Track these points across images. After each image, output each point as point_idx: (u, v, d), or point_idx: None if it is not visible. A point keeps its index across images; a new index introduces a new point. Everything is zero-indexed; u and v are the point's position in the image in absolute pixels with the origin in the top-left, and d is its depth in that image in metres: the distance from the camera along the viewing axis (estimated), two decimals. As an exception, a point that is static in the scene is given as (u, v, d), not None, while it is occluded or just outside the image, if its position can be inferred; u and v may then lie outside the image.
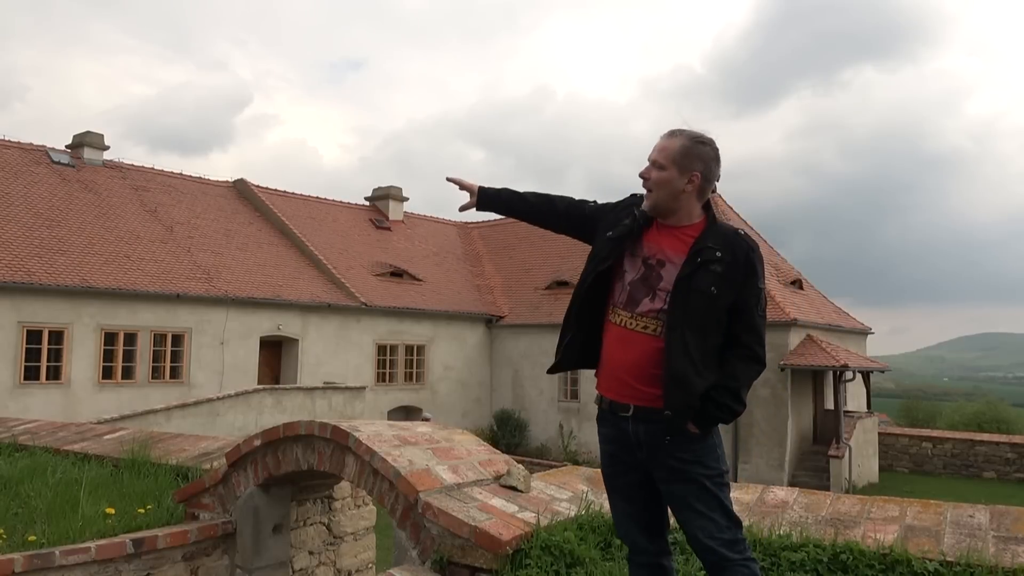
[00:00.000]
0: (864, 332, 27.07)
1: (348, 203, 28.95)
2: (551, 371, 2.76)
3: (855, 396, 22.86)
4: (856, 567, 2.86)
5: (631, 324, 2.45)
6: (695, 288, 2.35)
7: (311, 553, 4.45)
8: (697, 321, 2.35)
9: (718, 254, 2.37)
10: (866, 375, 22.62)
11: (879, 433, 22.69)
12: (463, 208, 2.88)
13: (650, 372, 2.39)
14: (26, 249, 17.44)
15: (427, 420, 20.40)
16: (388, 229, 28.44)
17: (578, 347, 2.57)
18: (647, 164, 2.48)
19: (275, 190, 26.51)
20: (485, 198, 2.84)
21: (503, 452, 4.20)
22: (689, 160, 2.41)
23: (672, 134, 2.46)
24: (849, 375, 20.61)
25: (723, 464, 2.45)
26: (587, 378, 23.90)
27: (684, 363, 2.33)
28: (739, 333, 2.42)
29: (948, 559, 2.82)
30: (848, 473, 19.64)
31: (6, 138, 21.05)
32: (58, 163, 21.21)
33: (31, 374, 16.77)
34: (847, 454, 19.66)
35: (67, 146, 22.31)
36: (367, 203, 29.74)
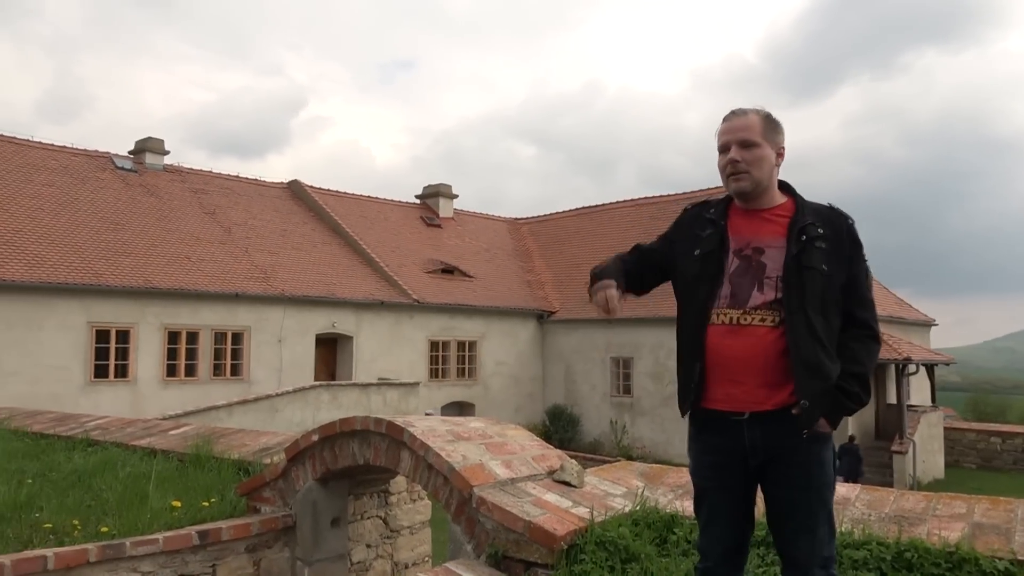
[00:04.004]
0: (927, 324, 26.21)
1: (399, 201, 29.27)
2: (684, 412, 2.41)
3: (919, 390, 22.17)
4: (921, 565, 2.77)
5: (744, 320, 2.26)
6: (807, 266, 2.20)
7: (368, 546, 4.53)
8: (817, 302, 2.19)
9: (820, 230, 2.24)
10: (930, 368, 21.91)
11: (944, 428, 21.97)
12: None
13: (772, 365, 2.21)
14: (93, 252, 18.12)
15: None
16: (439, 226, 28.66)
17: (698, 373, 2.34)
18: (732, 150, 2.30)
19: (328, 190, 26.97)
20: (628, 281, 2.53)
21: (556, 447, 4.20)
22: (774, 133, 2.33)
23: (743, 112, 2.34)
24: (912, 368, 19.99)
25: (835, 470, 2.32)
26: (639, 373, 23.70)
27: (814, 347, 2.16)
28: (853, 310, 2.25)
29: (1019, 558, 2.72)
30: (912, 469, 19.07)
31: (74, 146, 21.92)
32: (121, 168, 21.97)
33: (100, 372, 17.42)
34: (911, 450, 19.08)
35: (130, 152, 23.09)
36: (418, 201, 30.03)
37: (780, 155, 2.34)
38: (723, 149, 2.35)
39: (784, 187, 2.39)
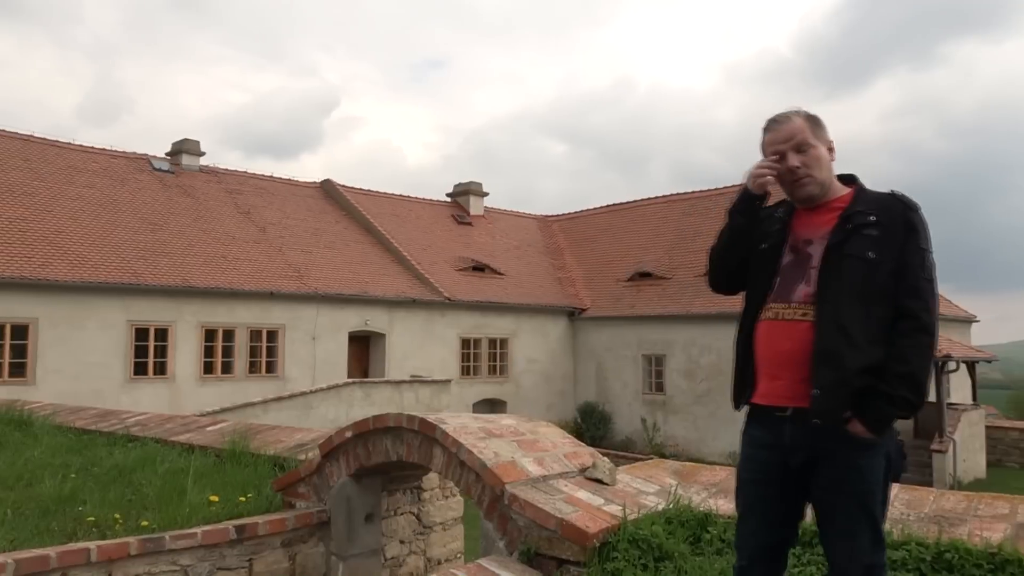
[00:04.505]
0: (968, 320, 25.66)
1: (430, 200, 29.42)
2: (737, 407, 2.47)
3: (959, 388, 21.70)
4: (962, 566, 2.72)
5: (787, 314, 2.26)
6: (848, 254, 2.17)
7: (402, 542, 4.56)
8: (854, 291, 2.14)
9: (872, 218, 2.20)
10: (971, 365, 21.42)
11: (986, 426, 21.46)
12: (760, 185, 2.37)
13: (809, 361, 2.19)
14: (133, 252, 18.51)
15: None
16: (469, 224, 28.74)
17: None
18: (789, 157, 2.29)
19: (359, 189, 27.20)
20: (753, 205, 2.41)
21: (588, 445, 4.20)
22: (821, 130, 2.35)
23: (786, 118, 2.35)
24: (952, 366, 19.57)
25: (887, 476, 2.23)
26: (672, 370, 23.54)
27: (834, 337, 2.13)
28: (901, 299, 2.15)
29: (1065, 560, 2.65)
30: (953, 469, 18.67)
31: (114, 148, 22.40)
32: (159, 170, 22.40)
33: (140, 369, 17.79)
34: (951, 449, 18.68)
35: (167, 154, 23.53)
36: (449, 199, 30.14)
37: (832, 150, 2.36)
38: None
39: (848, 179, 2.39)
